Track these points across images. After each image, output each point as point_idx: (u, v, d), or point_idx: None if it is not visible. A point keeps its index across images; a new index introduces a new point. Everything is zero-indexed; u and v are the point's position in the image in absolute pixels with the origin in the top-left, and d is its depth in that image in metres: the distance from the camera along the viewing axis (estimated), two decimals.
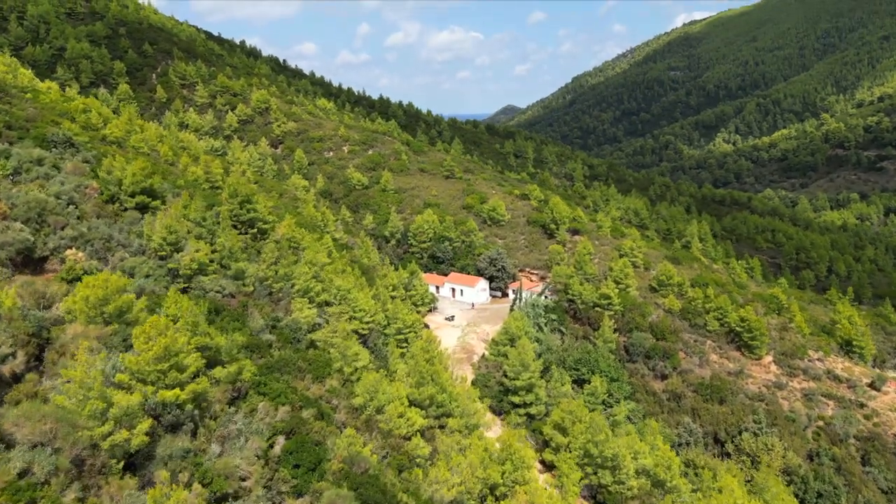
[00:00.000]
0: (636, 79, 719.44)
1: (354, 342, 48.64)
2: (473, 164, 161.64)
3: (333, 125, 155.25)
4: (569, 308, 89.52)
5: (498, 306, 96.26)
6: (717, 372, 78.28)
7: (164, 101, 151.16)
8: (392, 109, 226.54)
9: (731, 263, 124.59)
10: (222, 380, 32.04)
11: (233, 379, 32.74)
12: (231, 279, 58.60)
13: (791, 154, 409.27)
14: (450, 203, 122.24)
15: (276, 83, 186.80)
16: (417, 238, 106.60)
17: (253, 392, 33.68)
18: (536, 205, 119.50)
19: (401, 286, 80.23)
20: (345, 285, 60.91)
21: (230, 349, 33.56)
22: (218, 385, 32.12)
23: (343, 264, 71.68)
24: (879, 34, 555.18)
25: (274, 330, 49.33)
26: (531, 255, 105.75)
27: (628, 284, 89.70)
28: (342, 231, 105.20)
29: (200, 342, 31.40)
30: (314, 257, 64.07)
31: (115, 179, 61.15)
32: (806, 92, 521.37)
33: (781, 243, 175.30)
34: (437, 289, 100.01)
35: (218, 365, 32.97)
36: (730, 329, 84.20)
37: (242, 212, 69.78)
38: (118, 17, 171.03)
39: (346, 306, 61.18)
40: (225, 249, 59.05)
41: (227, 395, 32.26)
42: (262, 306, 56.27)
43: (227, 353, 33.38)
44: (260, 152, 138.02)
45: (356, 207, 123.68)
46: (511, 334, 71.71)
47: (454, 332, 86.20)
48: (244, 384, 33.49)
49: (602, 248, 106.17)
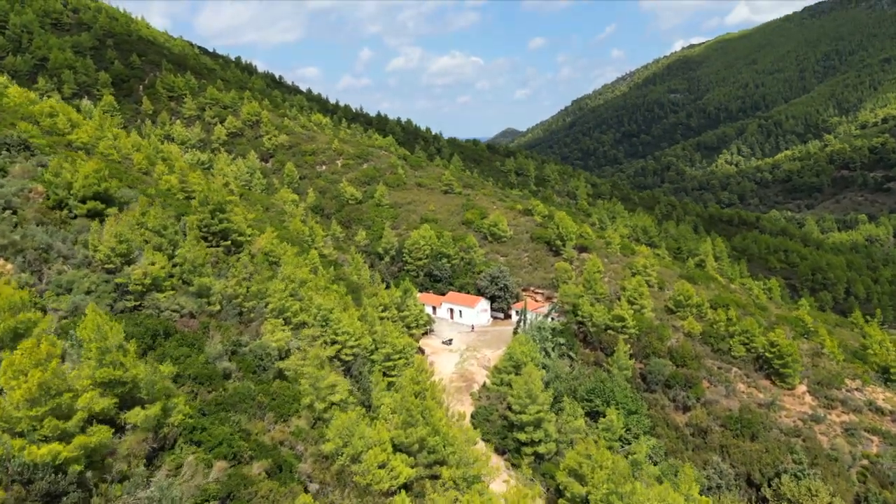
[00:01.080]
0: (636, 101, 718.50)
1: (330, 371, 40.61)
2: (473, 179, 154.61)
3: (327, 139, 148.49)
4: (578, 331, 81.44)
5: (500, 329, 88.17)
6: (747, 403, 69.90)
7: (150, 112, 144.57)
8: (390, 126, 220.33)
9: (748, 284, 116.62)
10: (139, 425, 24.05)
11: (154, 424, 24.73)
12: (193, 297, 50.72)
13: (795, 175, 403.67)
14: (448, 218, 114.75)
15: (269, 97, 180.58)
16: (413, 255, 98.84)
17: (184, 440, 25.67)
18: (540, 220, 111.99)
19: (392, 306, 72.29)
20: (326, 304, 52.99)
21: (151, 384, 25.48)
22: (134, 432, 24.16)
23: (327, 281, 63.82)
24: (880, 56, 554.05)
25: (234, 357, 41.26)
26: (535, 273, 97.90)
27: (643, 305, 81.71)
28: (332, 247, 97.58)
29: (107, 376, 23.41)
30: (292, 273, 56.21)
31: (64, 182, 53.55)
32: (808, 113, 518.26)
33: (795, 263, 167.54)
34: (434, 309, 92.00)
35: (137, 405, 25.02)
36: (757, 355, 76.01)
37: (214, 222, 62.10)
38: (106, 28, 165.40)
39: (325, 329, 53.18)
40: (187, 263, 51.24)
41: (145, 446, 24.25)
42: (227, 328, 48.28)
43: (147, 388, 25.32)
44: (248, 165, 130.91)
45: (348, 223, 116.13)
46: (515, 360, 63.61)
47: (452, 357, 78.03)
48: (172, 430, 25.48)
49: (612, 267, 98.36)
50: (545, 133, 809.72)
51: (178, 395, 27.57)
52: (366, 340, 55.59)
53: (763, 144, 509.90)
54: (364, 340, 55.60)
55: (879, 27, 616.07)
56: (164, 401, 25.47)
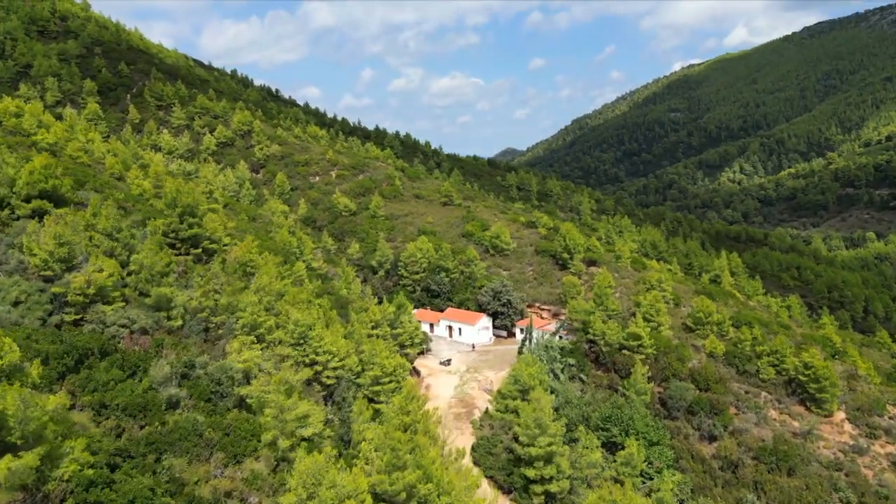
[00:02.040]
0: (636, 120, 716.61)
1: (300, 398, 33.53)
2: (474, 192, 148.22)
3: (321, 149, 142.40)
4: (589, 350, 74.21)
5: (503, 348, 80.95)
6: (781, 432, 62.45)
7: (136, 121, 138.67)
8: (388, 140, 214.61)
9: (766, 301, 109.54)
10: (3, 482, 17.01)
11: (32, 478, 17.68)
12: (149, 309, 43.80)
13: (800, 193, 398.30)
14: (447, 231, 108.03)
15: (263, 108, 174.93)
16: (409, 268, 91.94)
17: (75, 499, 18.57)
18: (545, 233, 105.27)
19: (385, 322, 65.15)
20: (305, 320, 45.97)
21: (24, 421, 18.32)
22: None
23: (310, 294, 56.84)
24: (881, 75, 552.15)
25: (187, 381, 34.16)
26: (541, 288, 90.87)
27: (660, 322, 74.57)
28: (321, 260, 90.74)
29: None
30: (268, 283, 49.27)
31: (6, 179, 46.81)
32: (810, 132, 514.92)
33: (810, 281, 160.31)
34: (431, 327, 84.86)
35: (9, 452, 17.99)
36: (789, 378, 68.72)
37: (183, 226, 55.32)
38: (95, 36, 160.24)
39: (304, 347, 46.15)
40: (144, 270, 44.37)
41: None
42: (186, 347, 41.23)
43: (20, 428, 18.19)
44: (238, 176, 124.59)
45: (341, 235, 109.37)
46: (522, 384, 56.39)
47: (450, 379, 70.73)
48: (59, 487, 18.41)
49: (623, 282, 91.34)
50: (545, 152, 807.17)
51: (77, 435, 20.50)
52: (351, 361, 48.50)
53: (766, 163, 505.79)
54: (349, 361, 48.51)
55: (880, 46, 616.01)
56: (51, 445, 18.41)
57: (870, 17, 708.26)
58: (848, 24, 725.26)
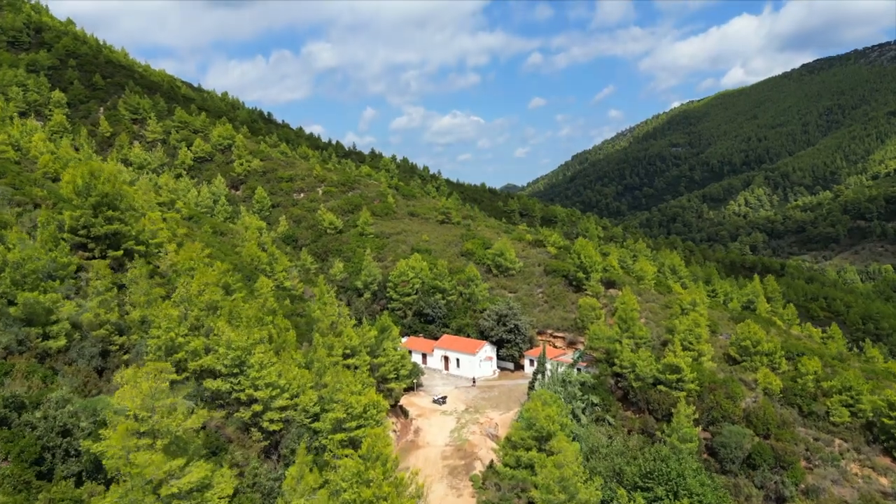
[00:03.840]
0: (637, 155, 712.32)
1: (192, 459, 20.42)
2: (475, 213, 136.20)
3: (308, 166, 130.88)
4: (615, 386, 60.87)
5: (510, 383, 67.57)
6: (867, 492, 48.73)
7: (108, 135, 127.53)
8: (384, 163, 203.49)
9: (808, 330, 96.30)
10: None
11: None
12: (15, 323, 31.08)
13: (809, 226, 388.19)
14: (444, 249, 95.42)
15: (250, 126, 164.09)
16: (399, 289, 79.08)
17: None
18: (555, 252, 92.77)
19: (363, 349, 51.95)
20: (239, 341, 33.05)
21: None
22: None
23: (260, 310, 43.92)
24: (885, 110, 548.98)
25: (3, 431, 21.02)
26: (553, 312, 77.81)
27: (701, 351, 61.37)
28: (297, 279, 77.93)
29: None
30: (196, 293, 36.46)
31: None
32: (815, 165, 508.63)
33: (840, 312, 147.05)
34: (424, 357, 71.63)
35: None
36: (867, 421, 55.25)
37: (98, 221, 42.69)
38: (70, 49, 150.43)
39: (238, 379, 33.16)
40: (8, 270, 31.70)
41: None
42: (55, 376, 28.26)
43: None
44: (213, 191, 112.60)
45: (324, 254, 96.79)
46: (538, 429, 42.97)
47: (446, 421, 57.28)
48: None
49: (648, 305, 78.39)
50: (546, 187, 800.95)
51: None
52: (307, 399, 35.32)
53: (771, 196, 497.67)
54: (304, 398, 35.35)
55: (881, 82, 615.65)
56: None
57: (868, 53, 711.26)
58: (847, 61, 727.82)
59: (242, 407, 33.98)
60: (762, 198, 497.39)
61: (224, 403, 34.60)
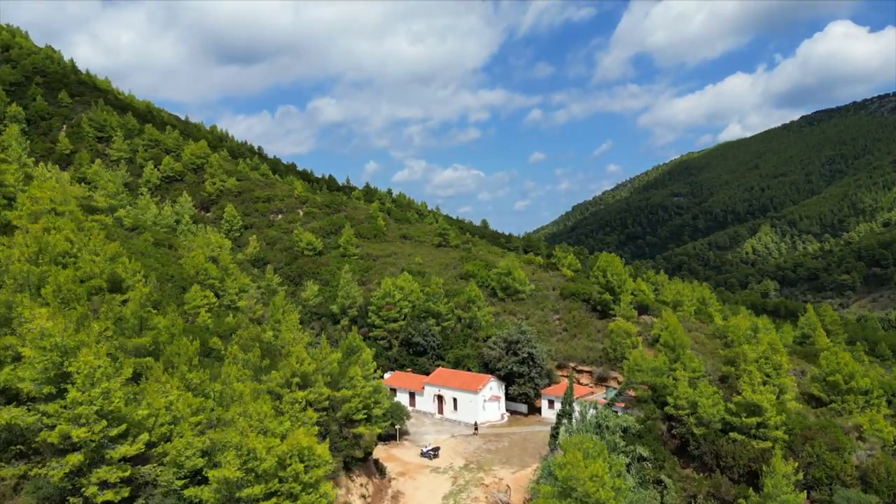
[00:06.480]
0: (639, 204, 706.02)
1: None
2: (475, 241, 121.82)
3: (288, 187, 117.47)
4: (668, 434, 45.07)
5: (524, 430, 51.63)
6: None
7: (66, 152, 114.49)
8: (378, 195, 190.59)
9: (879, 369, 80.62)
10: None
11: None
12: None
13: (822, 272, 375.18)
14: (441, 272, 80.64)
15: (231, 150, 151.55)
16: (383, 313, 63.87)
17: None
18: (571, 275, 78.04)
19: (320, 376, 36.44)
20: (55, 334, 17.87)
21: None
22: None
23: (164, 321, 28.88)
24: (889, 159, 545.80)
25: None
26: (575, 342, 62.35)
27: (783, 386, 45.83)
28: (255, 300, 62.80)
29: None
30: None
31: None
32: (822, 213, 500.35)
33: (886, 356, 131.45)
34: (412, 397, 55.85)
35: None
36: None
37: None
38: (39, 66, 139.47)
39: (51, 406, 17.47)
40: None
41: None
42: None
43: None
44: (176, 210, 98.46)
45: (298, 278, 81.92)
46: (582, 498, 27.44)
47: (438, 483, 41.25)
48: None
49: (692, 335, 63.02)
50: (547, 236, 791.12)
51: None
52: (180, 443, 19.91)
53: (779, 244, 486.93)
54: (177, 443, 19.94)
55: (882, 132, 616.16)
56: None
57: (868, 105, 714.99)
58: (847, 112, 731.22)
59: (56, 456, 18.62)
60: (770, 245, 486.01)
61: (26, 452, 19.22)
